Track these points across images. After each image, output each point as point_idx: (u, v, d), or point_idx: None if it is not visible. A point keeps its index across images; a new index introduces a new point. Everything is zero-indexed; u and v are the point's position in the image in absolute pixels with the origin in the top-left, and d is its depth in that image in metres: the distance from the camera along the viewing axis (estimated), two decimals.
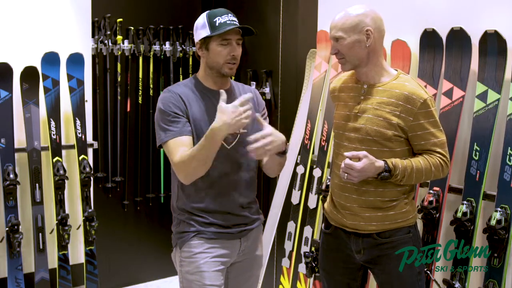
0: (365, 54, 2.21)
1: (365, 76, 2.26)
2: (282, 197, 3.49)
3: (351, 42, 2.18)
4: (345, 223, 2.30)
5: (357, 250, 2.31)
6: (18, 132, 3.47)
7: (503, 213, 2.42)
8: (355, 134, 2.24)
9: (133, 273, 4.26)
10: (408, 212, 2.28)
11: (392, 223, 2.25)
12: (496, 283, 2.44)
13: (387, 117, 2.17)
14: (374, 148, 2.18)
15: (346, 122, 2.28)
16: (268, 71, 3.81)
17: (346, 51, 2.20)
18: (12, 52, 3.46)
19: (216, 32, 2.18)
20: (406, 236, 2.27)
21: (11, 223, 3.35)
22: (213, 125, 2.10)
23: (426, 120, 2.17)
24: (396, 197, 2.24)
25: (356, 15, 2.19)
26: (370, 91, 2.24)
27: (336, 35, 2.20)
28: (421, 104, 2.15)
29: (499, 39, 2.47)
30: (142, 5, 4.15)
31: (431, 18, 2.79)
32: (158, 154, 4.29)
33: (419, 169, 2.17)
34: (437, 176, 2.23)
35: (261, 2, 3.89)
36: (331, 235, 2.39)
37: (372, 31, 2.18)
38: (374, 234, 2.26)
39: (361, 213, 2.25)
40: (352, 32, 2.18)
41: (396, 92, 2.18)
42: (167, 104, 2.20)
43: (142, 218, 4.30)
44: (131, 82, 4.12)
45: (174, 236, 2.35)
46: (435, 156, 2.19)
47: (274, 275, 3.79)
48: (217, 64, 2.22)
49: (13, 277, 3.40)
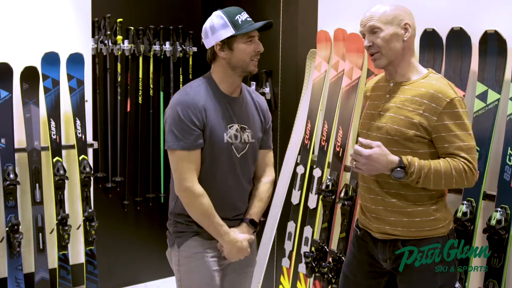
0: (401, 49, 2.11)
1: (395, 73, 2.17)
2: (282, 197, 3.49)
3: (389, 34, 2.09)
4: (371, 227, 2.23)
5: (384, 259, 2.23)
6: (18, 132, 3.47)
7: (503, 213, 2.42)
8: (377, 134, 2.15)
9: (133, 273, 4.26)
10: (437, 221, 2.14)
11: (418, 231, 2.13)
12: (496, 283, 2.44)
13: (409, 115, 2.08)
14: (394, 148, 2.07)
15: (370, 121, 2.22)
16: (268, 71, 3.81)
17: (383, 44, 2.09)
18: (12, 52, 3.46)
19: (241, 30, 2.17)
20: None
21: (11, 223, 3.35)
22: (226, 250, 2.26)
23: (452, 121, 2.04)
24: (420, 201, 2.12)
25: (395, 8, 2.11)
26: (396, 89, 2.16)
27: (373, 24, 2.09)
28: (447, 104, 2.04)
29: (499, 39, 2.47)
30: (142, 5, 4.15)
31: (431, 18, 2.79)
32: (158, 154, 4.29)
33: (437, 171, 2.01)
34: (460, 183, 2.05)
35: (261, 2, 3.88)
36: (361, 239, 2.32)
37: (410, 26, 2.12)
38: (399, 242, 2.15)
39: (387, 218, 2.16)
40: (390, 24, 2.09)
41: (422, 91, 2.09)
42: (186, 111, 2.17)
43: (142, 218, 4.30)
44: (131, 82, 4.12)
45: (171, 235, 2.35)
46: (458, 160, 2.04)
47: (274, 275, 3.79)
48: (244, 62, 2.21)
49: (13, 277, 3.40)
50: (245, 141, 2.29)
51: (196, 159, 2.20)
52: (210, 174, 2.25)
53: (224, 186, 2.27)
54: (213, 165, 2.24)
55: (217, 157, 2.24)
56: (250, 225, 2.34)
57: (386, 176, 2.08)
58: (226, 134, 2.24)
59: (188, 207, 2.23)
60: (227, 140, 2.24)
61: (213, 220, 2.22)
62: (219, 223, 2.23)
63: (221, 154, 2.24)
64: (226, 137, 2.24)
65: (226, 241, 2.24)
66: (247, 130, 2.30)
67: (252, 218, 2.34)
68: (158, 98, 4.24)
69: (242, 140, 2.28)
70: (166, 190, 4.33)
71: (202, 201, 2.19)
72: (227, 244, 2.25)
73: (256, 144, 2.36)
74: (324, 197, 3.13)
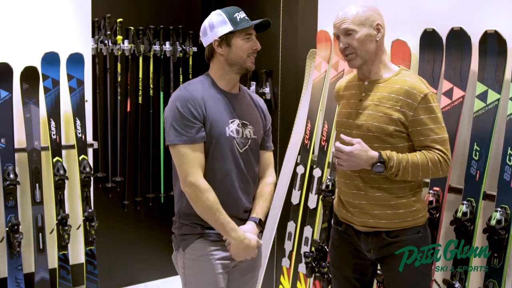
0: (374, 49, 2.19)
1: (369, 72, 2.25)
2: (282, 197, 3.49)
3: (363, 36, 2.16)
4: (354, 221, 2.29)
5: (367, 250, 2.31)
6: (18, 132, 3.47)
7: (503, 213, 2.42)
8: (356, 131, 2.22)
9: (133, 273, 4.26)
10: (418, 211, 2.25)
11: (401, 222, 2.22)
12: (496, 283, 2.44)
13: (388, 112, 2.16)
14: (375, 144, 2.16)
15: (347, 119, 2.28)
16: (268, 71, 3.81)
17: (357, 45, 2.17)
18: (12, 52, 3.46)
19: (239, 27, 2.20)
20: (416, 236, 2.25)
21: (11, 223, 3.35)
22: (233, 246, 2.22)
23: (427, 115, 2.14)
24: (402, 193, 2.21)
25: (366, 9, 2.18)
26: (371, 88, 2.24)
27: (347, 27, 2.16)
28: (422, 99, 2.14)
29: (499, 39, 2.47)
30: (142, 5, 4.15)
31: (431, 18, 2.79)
32: (158, 154, 4.29)
33: (415, 163, 2.12)
34: (436, 173, 2.18)
35: (261, 2, 3.89)
36: (343, 232, 2.38)
37: (381, 26, 2.20)
38: (383, 234, 2.24)
39: (370, 211, 2.23)
40: (364, 26, 2.16)
41: (397, 87, 2.18)
42: (185, 105, 2.17)
43: (142, 218, 4.30)
44: (131, 82, 4.12)
45: (176, 238, 2.33)
46: (433, 152, 2.15)
47: (274, 275, 3.79)
48: (241, 58, 2.23)
49: (13, 277, 3.40)
50: (247, 136, 2.29)
51: (199, 153, 2.18)
52: (214, 170, 2.23)
53: (229, 182, 2.25)
54: (217, 160, 2.23)
55: (220, 152, 2.22)
56: (258, 225, 2.32)
57: (368, 171, 2.16)
58: (228, 128, 2.23)
59: (193, 202, 2.20)
60: (229, 134, 2.23)
61: (219, 216, 2.19)
62: (225, 219, 2.20)
63: (224, 148, 2.23)
64: (228, 131, 2.23)
65: (234, 237, 2.21)
66: (248, 126, 2.30)
67: (260, 218, 2.32)
68: (158, 98, 4.24)
69: (244, 136, 2.28)
70: (166, 190, 4.33)
71: (208, 196, 2.17)
72: (234, 240, 2.21)
73: (258, 140, 2.36)
74: (324, 197, 3.13)
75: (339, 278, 2.46)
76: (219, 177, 2.24)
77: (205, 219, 2.22)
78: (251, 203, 2.35)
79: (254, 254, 2.29)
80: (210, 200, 2.18)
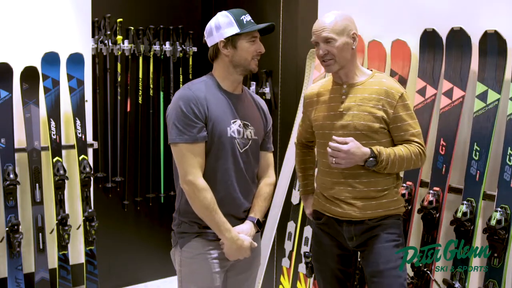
0: (350, 55, 2.33)
1: (345, 76, 2.37)
2: (282, 197, 3.49)
3: (342, 44, 2.29)
4: (339, 213, 2.37)
5: (349, 237, 2.39)
6: (18, 132, 3.47)
7: (503, 213, 2.42)
8: (342, 131, 2.32)
9: (133, 273, 4.26)
10: (399, 201, 2.40)
11: (385, 211, 2.35)
12: (496, 283, 2.44)
13: (372, 111, 2.29)
14: (362, 141, 2.27)
15: (331, 121, 2.37)
16: (268, 71, 3.81)
17: (337, 52, 2.29)
18: (12, 52, 3.46)
19: (246, 29, 2.24)
20: (397, 221, 2.39)
21: (11, 223, 3.35)
22: (226, 246, 2.26)
23: (405, 112, 2.31)
24: (387, 185, 2.35)
25: (343, 19, 2.31)
26: (350, 90, 2.36)
27: (327, 35, 2.28)
28: (399, 98, 2.30)
29: (499, 39, 2.47)
30: (142, 5, 4.15)
31: (431, 18, 2.79)
32: (158, 154, 4.29)
33: (401, 156, 2.27)
34: (417, 164, 2.33)
35: (261, 2, 3.89)
36: (324, 224, 2.45)
37: (356, 35, 2.33)
38: (367, 220, 2.34)
39: (356, 203, 2.33)
40: (342, 35, 2.29)
41: (376, 88, 2.32)
42: (188, 104, 2.20)
43: (142, 218, 4.30)
44: (131, 82, 4.12)
45: (175, 235, 2.36)
46: (414, 145, 2.31)
47: (274, 275, 3.79)
48: (245, 60, 2.26)
49: (13, 277, 3.40)
50: (247, 137, 2.31)
51: (199, 153, 2.21)
52: (214, 169, 2.25)
53: (229, 181, 2.27)
54: (217, 159, 2.25)
55: (221, 151, 2.25)
56: (256, 225, 2.34)
57: (355, 167, 2.28)
58: (229, 128, 2.26)
59: (191, 201, 2.23)
60: (231, 134, 2.26)
61: (214, 215, 2.22)
62: (221, 219, 2.23)
63: (224, 148, 2.25)
64: (230, 131, 2.26)
65: (227, 237, 2.24)
66: (249, 126, 2.33)
67: (258, 218, 2.35)
68: (158, 98, 4.25)
69: (245, 136, 2.30)
70: (166, 190, 4.33)
71: (205, 195, 2.20)
72: (228, 241, 2.25)
73: (258, 141, 2.38)
74: None
75: (324, 272, 2.52)
76: (219, 176, 2.26)
77: (202, 218, 2.25)
78: (250, 202, 2.37)
79: (247, 254, 2.31)
80: (208, 199, 2.20)
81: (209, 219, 2.23)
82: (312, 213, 2.56)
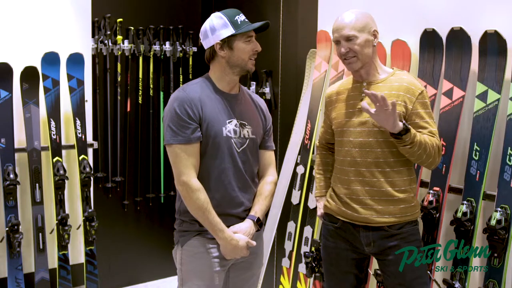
0: (371, 53, 2.33)
1: (366, 74, 2.37)
2: (282, 197, 3.49)
3: (363, 41, 2.29)
4: (356, 218, 2.35)
5: (367, 243, 2.37)
6: (18, 132, 3.47)
7: (503, 213, 2.42)
8: (361, 128, 2.33)
9: (133, 273, 4.26)
10: (415, 207, 2.38)
11: (402, 217, 2.33)
12: (496, 283, 2.44)
13: None
14: (380, 138, 2.28)
15: (350, 118, 2.36)
16: (268, 71, 3.81)
17: (359, 50, 2.29)
18: (12, 52, 3.46)
19: (241, 30, 2.24)
20: (415, 228, 2.37)
21: (11, 223, 3.36)
22: (221, 246, 2.27)
23: (423, 109, 2.30)
24: (404, 186, 2.33)
25: (363, 16, 2.32)
26: (370, 88, 2.35)
27: (349, 33, 2.28)
28: (419, 94, 2.30)
29: (499, 39, 2.47)
30: (142, 5, 4.15)
31: (431, 18, 2.79)
32: (158, 154, 4.29)
33: (425, 140, 2.22)
34: (435, 158, 2.27)
35: (261, 2, 3.89)
36: (340, 229, 2.43)
37: (377, 32, 2.34)
38: (386, 226, 2.32)
39: (374, 206, 2.32)
40: (363, 32, 2.30)
41: (396, 85, 2.32)
42: (182, 106, 2.22)
43: (142, 218, 4.30)
44: (131, 82, 4.12)
45: (176, 234, 2.37)
46: (433, 138, 2.27)
47: (274, 275, 3.79)
48: (242, 60, 2.27)
49: (13, 277, 3.40)
50: (244, 136, 2.32)
51: (194, 154, 2.23)
52: (212, 169, 2.26)
53: (226, 180, 2.28)
54: (213, 159, 2.26)
55: (217, 152, 2.26)
56: (256, 223, 2.34)
57: (380, 164, 2.28)
58: (225, 128, 2.27)
59: (185, 201, 2.26)
60: (226, 134, 2.27)
61: (207, 215, 2.23)
62: (214, 220, 2.24)
63: (220, 148, 2.26)
64: (225, 131, 2.27)
65: (221, 237, 2.26)
66: (246, 126, 2.34)
67: (258, 217, 2.35)
68: (158, 98, 4.25)
69: (241, 136, 2.31)
70: (166, 190, 4.33)
71: (199, 196, 2.21)
72: (222, 241, 2.26)
73: (257, 140, 2.38)
74: None
75: (336, 274, 2.50)
76: (216, 175, 2.27)
77: (196, 218, 2.26)
78: (251, 202, 2.37)
79: (244, 253, 2.32)
80: (201, 200, 2.21)
81: (202, 219, 2.25)
82: (324, 215, 2.54)
